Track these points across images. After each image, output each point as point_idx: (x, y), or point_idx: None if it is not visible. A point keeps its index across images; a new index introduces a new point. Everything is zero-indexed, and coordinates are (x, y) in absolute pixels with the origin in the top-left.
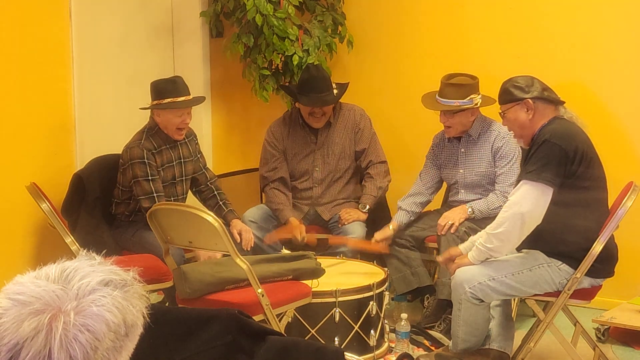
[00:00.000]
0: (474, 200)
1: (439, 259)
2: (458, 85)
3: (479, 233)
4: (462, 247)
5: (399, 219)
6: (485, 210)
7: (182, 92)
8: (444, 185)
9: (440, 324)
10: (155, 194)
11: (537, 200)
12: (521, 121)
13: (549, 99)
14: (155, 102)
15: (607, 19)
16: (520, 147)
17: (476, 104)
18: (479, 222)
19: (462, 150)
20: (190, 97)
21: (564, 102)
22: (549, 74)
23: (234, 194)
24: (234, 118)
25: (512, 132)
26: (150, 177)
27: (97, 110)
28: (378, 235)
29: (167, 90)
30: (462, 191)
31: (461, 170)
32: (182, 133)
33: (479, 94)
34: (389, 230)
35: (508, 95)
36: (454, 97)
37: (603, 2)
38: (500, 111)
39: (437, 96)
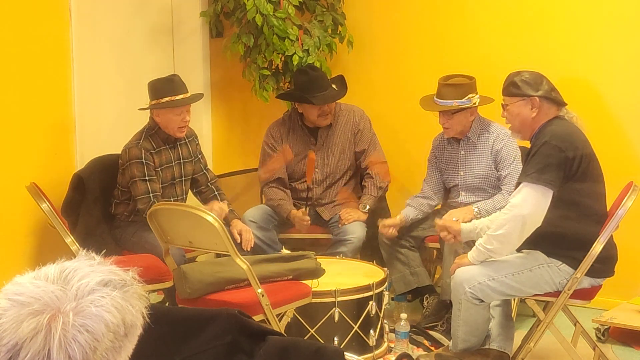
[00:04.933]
0: (474, 202)
1: (437, 222)
2: (455, 86)
3: (482, 219)
4: (464, 226)
5: (406, 212)
6: (492, 210)
7: (179, 90)
8: None
9: (443, 324)
10: (151, 194)
11: (538, 202)
12: (523, 117)
13: (555, 100)
14: (153, 101)
15: (607, 19)
16: (520, 146)
17: (474, 104)
18: None
19: (462, 152)
20: (189, 94)
21: (566, 104)
22: (549, 74)
23: (234, 194)
24: (234, 118)
25: (509, 124)
26: (147, 178)
27: (97, 110)
28: (387, 221)
29: (164, 89)
30: (463, 194)
31: (461, 173)
32: (184, 131)
33: (476, 94)
34: (396, 219)
35: (515, 89)
36: (452, 97)
37: (604, 1)
38: (503, 103)
39: (434, 97)
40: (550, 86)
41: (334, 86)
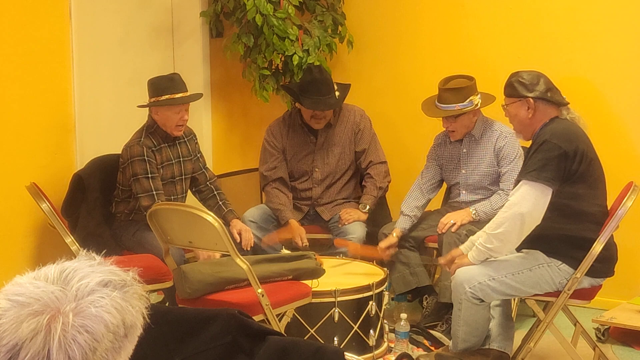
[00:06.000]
0: (475, 201)
1: (441, 260)
2: (456, 89)
3: (477, 233)
4: (462, 247)
5: (401, 225)
6: (490, 211)
7: (179, 88)
8: (444, 185)
9: (443, 324)
10: (154, 192)
11: (537, 200)
12: (521, 118)
13: (551, 100)
14: (152, 99)
15: (608, 18)
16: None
17: (476, 105)
18: (482, 224)
19: (464, 150)
20: (188, 93)
21: (567, 104)
22: (550, 73)
23: (234, 194)
24: (234, 118)
25: (512, 124)
26: (150, 175)
27: (97, 110)
28: (383, 243)
29: (164, 87)
30: (464, 192)
31: (463, 171)
32: (181, 129)
33: (477, 95)
34: (393, 237)
35: (511, 90)
36: (454, 101)
37: (605, 0)
38: (503, 103)
39: (436, 102)
40: (548, 87)
41: (337, 93)
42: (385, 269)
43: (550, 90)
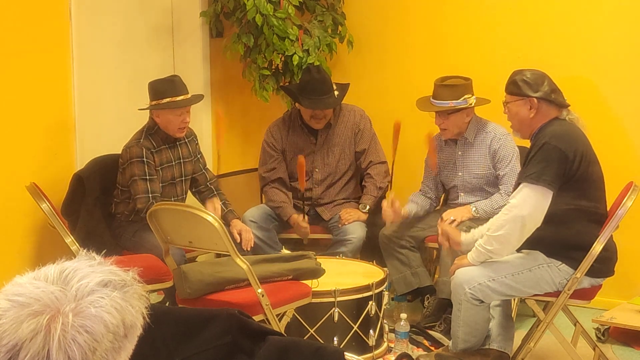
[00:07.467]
0: (474, 202)
1: (441, 226)
2: (451, 87)
3: (479, 227)
4: (465, 237)
5: (409, 208)
6: (490, 210)
7: (180, 91)
8: None
9: (441, 324)
10: (150, 194)
11: (538, 203)
12: (522, 117)
13: (555, 101)
14: (153, 102)
15: (607, 18)
16: (518, 146)
17: (470, 104)
18: (481, 222)
19: (460, 153)
20: (189, 95)
21: (568, 106)
22: (550, 72)
23: (234, 194)
24: (234, 118)
25: (510, 123)
26: (147, 177)
27: (97, 110)
28: (397, 202)
29: (165, 90)
30: (462, 194)
31: (460, 174)
32: (183, 131)
33: (472, 95)
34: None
35: (515, 88)
36: (448, 98)
37: (603, 1)
38: (504, 100)
39: (431, 99)
40: (552, 87)
41: (336, 92)
42: (385, 268)
43: (554, 92)
